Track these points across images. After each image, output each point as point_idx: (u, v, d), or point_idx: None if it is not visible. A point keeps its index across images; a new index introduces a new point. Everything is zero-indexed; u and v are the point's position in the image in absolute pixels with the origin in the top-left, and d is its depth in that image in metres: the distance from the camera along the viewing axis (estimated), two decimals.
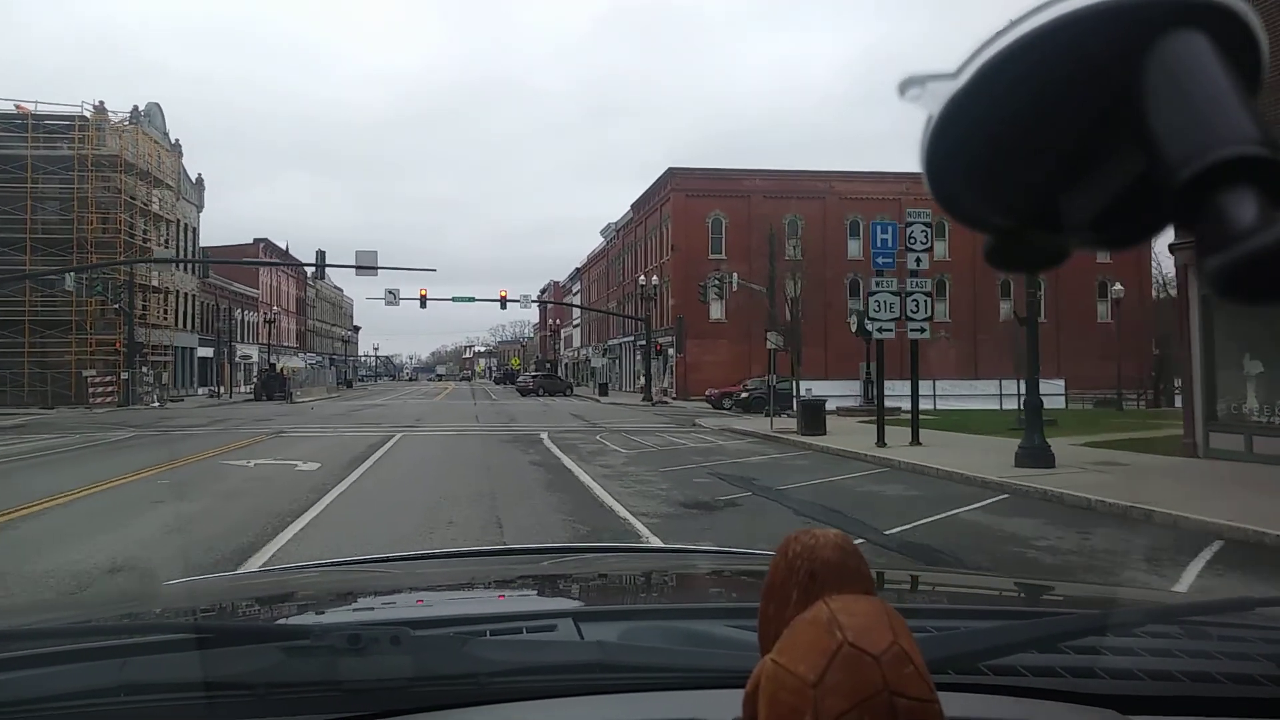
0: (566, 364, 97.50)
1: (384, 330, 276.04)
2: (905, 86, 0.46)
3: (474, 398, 56.70)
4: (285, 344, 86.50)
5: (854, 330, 31.05)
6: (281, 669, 0.99)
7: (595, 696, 1.00)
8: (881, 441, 17.69)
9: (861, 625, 0.63)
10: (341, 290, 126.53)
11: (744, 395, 37.33)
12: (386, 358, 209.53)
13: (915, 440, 17.87)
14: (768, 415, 31.23)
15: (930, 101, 0.45)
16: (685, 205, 49.45)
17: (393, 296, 45.63)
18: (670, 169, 50.47)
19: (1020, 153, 0.45)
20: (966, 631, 1.23)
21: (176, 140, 56.40)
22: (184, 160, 57.77)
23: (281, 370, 59.39)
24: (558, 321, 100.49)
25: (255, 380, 59.88)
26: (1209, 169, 0.38)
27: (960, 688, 0.98)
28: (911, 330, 18.21)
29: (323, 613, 1.65)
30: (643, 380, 50.17)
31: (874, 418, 28.05)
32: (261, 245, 78.36)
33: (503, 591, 1.86)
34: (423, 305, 45.90)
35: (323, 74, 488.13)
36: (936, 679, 0.65)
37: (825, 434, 20.94)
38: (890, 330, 18.29)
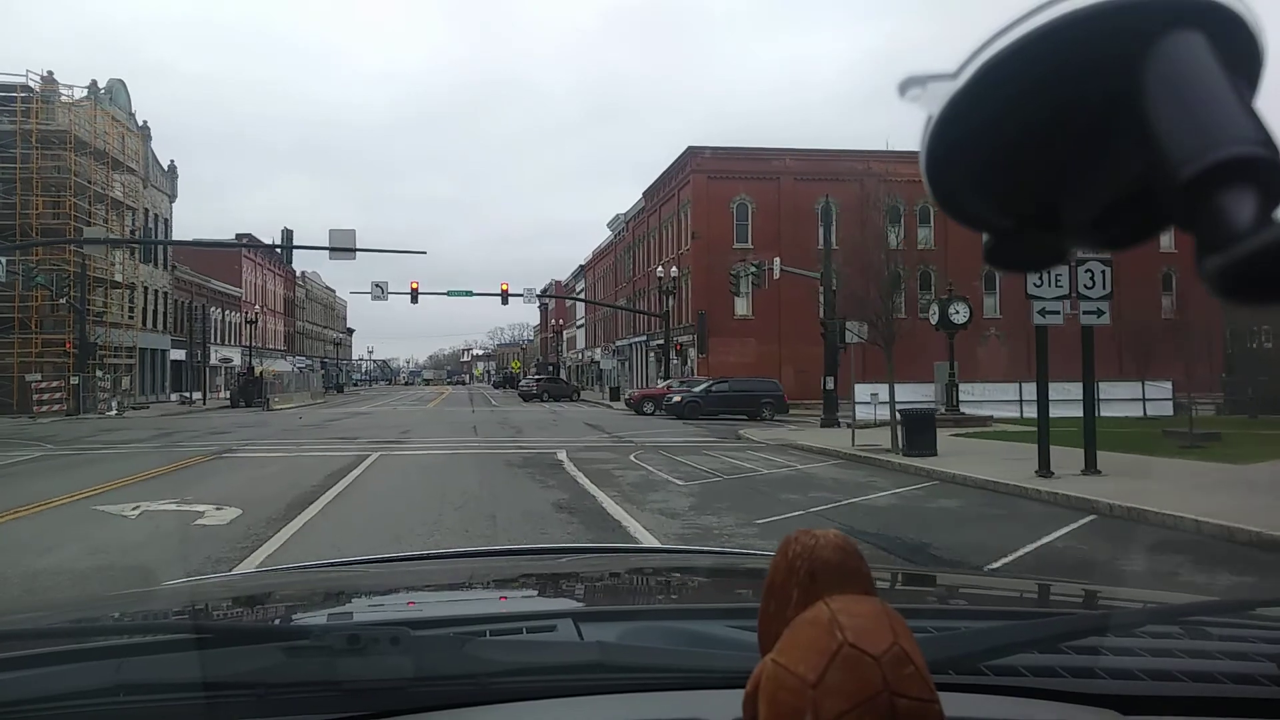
0: (569, 367, 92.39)
1: (380, 334, 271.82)
2: (905, 86, 0.47)
3: (472, 404, 51.54)
4: (271, 346, 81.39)
5: (935, 323, 26.03)
6: (281, 669, 0.98)
7: (595, 697, 0.99)
8: (1045, 469, 12.58)
9: (862, 626, 0.63)
10: (334, 291, 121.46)
11: (676, 400, 33.57)
12: (383, 361, 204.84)
13: (1091, 467, 12.75)
14: (826, 424, 26.21)
15: (930, 101, 0.45)
16: (707, 188, 44.35)
17: (380, 291, 40.54)
18: (690, 148, 45.33)
19: (1020, 153, 0.45)
20: (967, 632, 1.22)
21: (145, 122, 51.34)
22: (173, 155, 52.67)
23: (261, 374, 54.28)
24: (560, 322, 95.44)
25: (233, 385, 54.79)
26: (1209, 169, 0.38)
27: (961, 688, 0.98)
28: (1085, 313, 13.11)
29: (322, 613, 1.64)
30: (660, 384, 45.08)
31: (967, 430, 23.26)
32: (245, 241, 73.16)
33: (503, 592, 1.85)
34: (414, 300, 40.81)
35: (324, 75, 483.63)
36: (937, 679, 0.65)
37: (936, 454, 15.86)
38: (1058, 314, 13.15)
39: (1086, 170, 0.44)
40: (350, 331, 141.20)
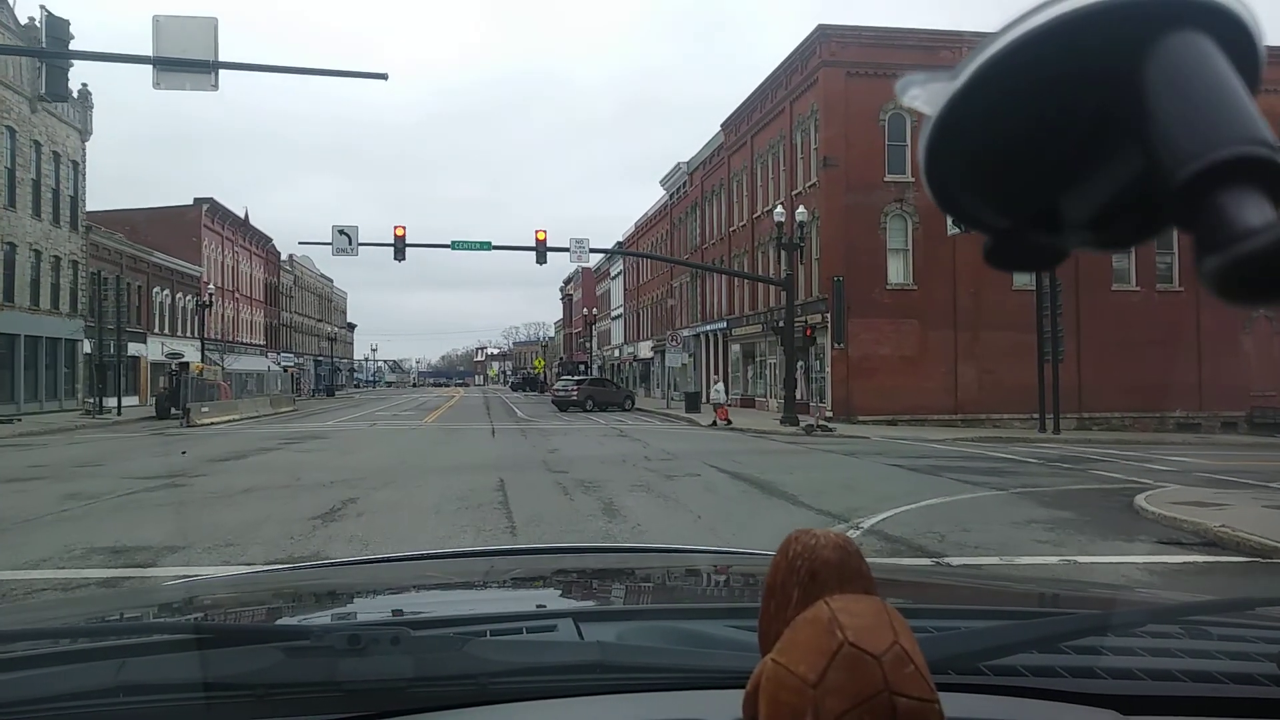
0: (606, 365, 77.40)
1: (387, 330, 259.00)
2: (904, 87, 0.46)
3: (490, 417, 36.58)
4: (246, 340, 66.82)
5: None
6: (281, 669, 0.98)
7: (595, 697, 0.99)
8: None
9: (862, 625, 0.63)
10: (331, 281, 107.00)
11: None
12: (395, 362, 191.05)
13: None
14: None
15: (929, 102, 0.44)
16: (845, 91, 29.24)
17: (347, 239, 25.91)
18: (821, 28, 29.93)
19: (1019, 153, 0.45)
20: (967, 631, 1.21)
21: (32, 19, 36.70)
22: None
23: (200, 373, 39.67)
24: (593, 312, 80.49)
25: (159, 389, 40.17)
26: (1208, 169, 0.38)
27: (961, 688, 0.98)
28: None
29: (323, 613, 1.64)
30: (780, 389, 30.13)
31: None
32: (204, 207, 58.58)
33: (503, 591, 1.85)
34: (399, 255, 26.06)
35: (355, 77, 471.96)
36: (937, 679, 0.65)
37: None
38: None
39: (1086, 171, 0.44)
40: (351, 327, 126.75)
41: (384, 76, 11.33)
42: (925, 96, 0.45)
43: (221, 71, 11.36)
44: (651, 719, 0.93)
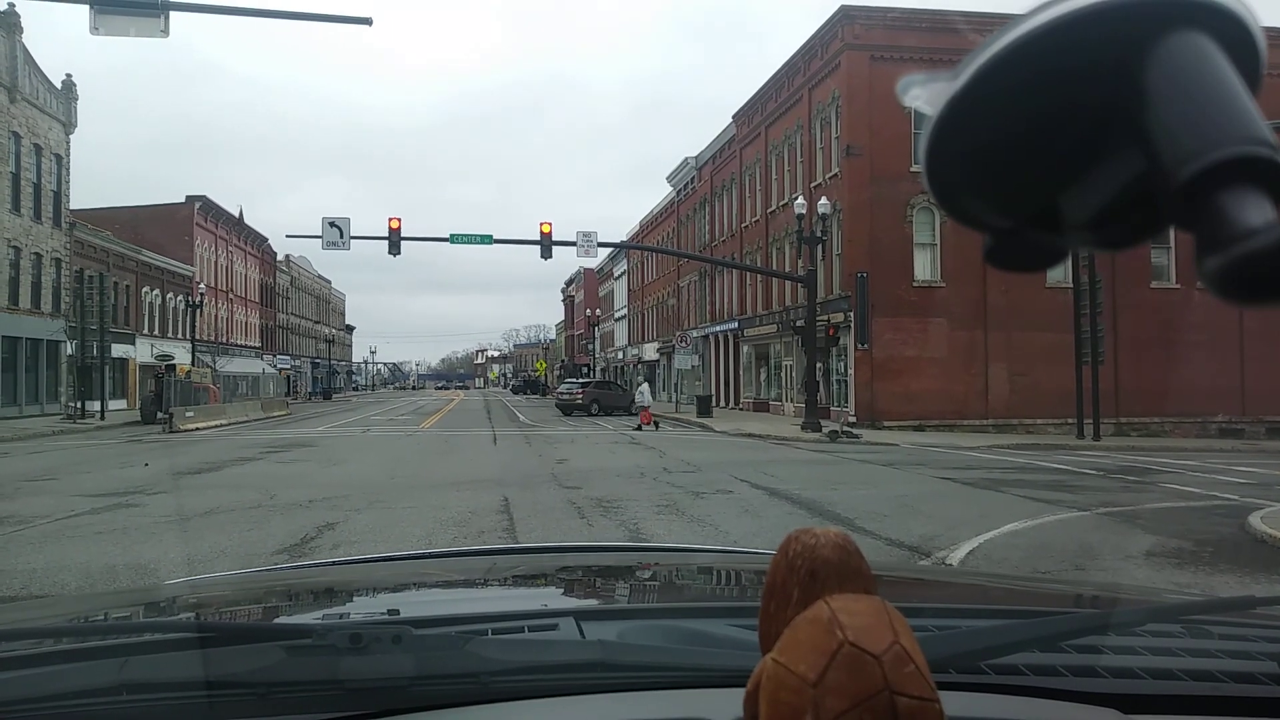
0: (609, 367, 75.66)
1: (391, 334, 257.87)
2: (905, 87, 0.46)
3: (490, 421, 34.79)
4: (241, 342, 65.09)
5: None
6: (283, 668, 0.98)
7: (596, 695, 0.99)
8: None
9: (862, 624, 0.63)
10: (329, 282, 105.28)
11: None
12: (395, 364, 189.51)
13: None
14: None
15: (930, 102, 0.44)
16: (869, 76, 27.43)
17: (338, 232, 24.21)
18: (844, 8, 28.14)
19: (1020, 153, 0.45)
20: (968, 630, 1.21)
21: (11, 5, 35.06)
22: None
23: (188, 375, 37.92)
24: (596, 313, 78.75)
25: (146, 393, 38.39)
26: (1209, 169, 0.38)
27: (961, 687, 0.98)
28: None
29: (324, 611, 1.63)
30: (797, 392, 28.35)
31: None
32: (197, 205, 56.85)
33: (504, 590, 1.83)
34: (394, 249, 24.35)
35: (366, 78, 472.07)
36: (938, 678, 0.65)
37: None
38: None
39: (1086, 170, 0.43)
40: (350, 329, 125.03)
41: (368, 21, 9.70)
42: (926, 96, 0.44)
43: (178, 24, 9.59)
44: (652, 718, 0.93)
